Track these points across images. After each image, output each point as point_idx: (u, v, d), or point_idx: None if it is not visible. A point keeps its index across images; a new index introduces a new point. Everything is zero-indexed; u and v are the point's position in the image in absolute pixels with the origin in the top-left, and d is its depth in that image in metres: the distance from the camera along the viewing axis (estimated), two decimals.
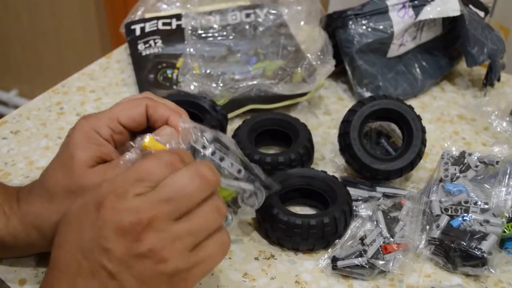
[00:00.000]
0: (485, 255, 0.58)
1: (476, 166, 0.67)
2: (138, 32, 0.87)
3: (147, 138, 0.48)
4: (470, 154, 0.69)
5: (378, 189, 0.68)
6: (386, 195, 0.67)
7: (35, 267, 0.58)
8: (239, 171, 0.51)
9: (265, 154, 0.69)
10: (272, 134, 0.74)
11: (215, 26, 0.86)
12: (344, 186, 0.65)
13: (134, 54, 0.86)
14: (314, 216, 0.61)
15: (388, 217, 0.62)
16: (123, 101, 0.55)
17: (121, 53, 0.92)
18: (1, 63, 2.02)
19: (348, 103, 0.84)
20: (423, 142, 0.69)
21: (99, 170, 0.51)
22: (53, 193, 0.51)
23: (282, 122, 0.74)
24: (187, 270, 0.44)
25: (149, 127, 0.54)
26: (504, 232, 0.60)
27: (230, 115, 0.78)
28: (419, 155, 0.68)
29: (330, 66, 0.80)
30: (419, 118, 0.70)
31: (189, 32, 0.85)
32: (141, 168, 0.44)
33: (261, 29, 0.87)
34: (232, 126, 0.76)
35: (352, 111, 0.70)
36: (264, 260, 0.61)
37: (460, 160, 0.68)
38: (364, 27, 0.82)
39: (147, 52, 0.85)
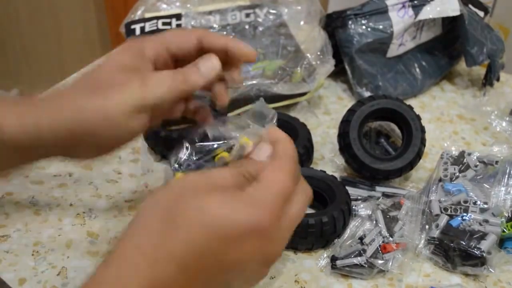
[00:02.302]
0: (484, 254, 0.58)
1: (476, 166, 0.67)
2: (138, 32, 0.87)
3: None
4: (469, 154, 0.69)
5: (378, 188, 0.68)
6: (385, 195, 0.67)
7: (35, 267, 0.58)
8: None
9: None
10: None
11: (215, 26, 0.86)
12: (343, 185, 0.65)
13: None
14: (312, 215, 0.61)
15: (388, 216, 0.62)
16: (174, 29, 0.54)
17: None
18: (1, 63, 2.02)
19: (348, 102, 0.85)
20: (423, 142, 0.69)
21: (127, 75, 0.49)
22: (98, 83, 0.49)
23: (282, 121, 0.74)
24: None
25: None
26: (504, 231, 0.60)
27: (230, 115, 0.78)
28: (419, 155, 0.68)
29: (329, 65, 0.80)
30: (418, 118, 0.70)
31: None
32: (286, 188, 0.42)
33: (260, 29, 0.87)
34: None
35: (351, 111, 0.70)
36: None
37: (459, 160, 0.68)
38: (363, 27, 0.83)
39: None
